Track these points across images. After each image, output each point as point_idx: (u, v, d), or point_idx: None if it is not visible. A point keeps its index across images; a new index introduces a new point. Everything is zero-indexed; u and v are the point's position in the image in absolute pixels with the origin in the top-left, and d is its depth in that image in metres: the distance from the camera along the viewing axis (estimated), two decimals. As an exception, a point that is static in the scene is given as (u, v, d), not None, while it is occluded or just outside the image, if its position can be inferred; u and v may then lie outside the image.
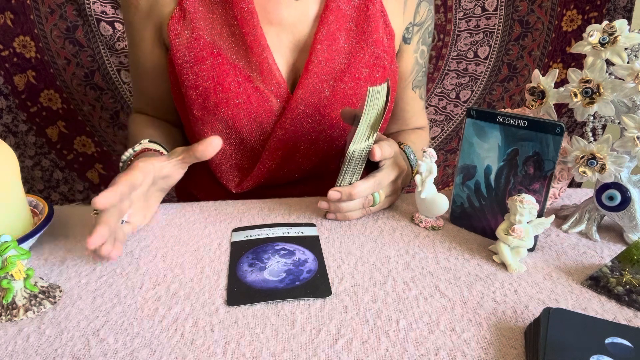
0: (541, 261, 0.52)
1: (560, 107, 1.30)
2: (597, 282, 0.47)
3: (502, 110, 0.58)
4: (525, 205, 0.49)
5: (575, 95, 0.52)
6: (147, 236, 0.57)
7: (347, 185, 0.58)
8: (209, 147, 0.54)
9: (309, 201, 0.66)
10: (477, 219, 0.58)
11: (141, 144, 0.65)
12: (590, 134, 0.55)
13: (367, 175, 0.60)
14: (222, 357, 0.39)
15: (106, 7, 1.21)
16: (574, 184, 1.15)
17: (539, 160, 0.51)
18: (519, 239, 0.50)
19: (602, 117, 0.53)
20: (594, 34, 0.51)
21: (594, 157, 0.52)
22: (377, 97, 0.55)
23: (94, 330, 0.42)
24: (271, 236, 0.56)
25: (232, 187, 0.76)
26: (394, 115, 0.85)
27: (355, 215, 0.60)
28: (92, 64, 1.29)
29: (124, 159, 0.64)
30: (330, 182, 0.60)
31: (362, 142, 0.55)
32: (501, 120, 0.53)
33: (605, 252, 0.54)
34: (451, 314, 0.44)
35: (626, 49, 0.50)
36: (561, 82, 0.78)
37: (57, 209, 0.62)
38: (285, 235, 0.57)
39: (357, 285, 0.48)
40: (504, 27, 1.31)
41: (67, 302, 0.46)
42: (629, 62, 0.49)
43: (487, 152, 0.55)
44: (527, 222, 0.50)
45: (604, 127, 0.56)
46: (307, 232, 0.58)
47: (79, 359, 0.39)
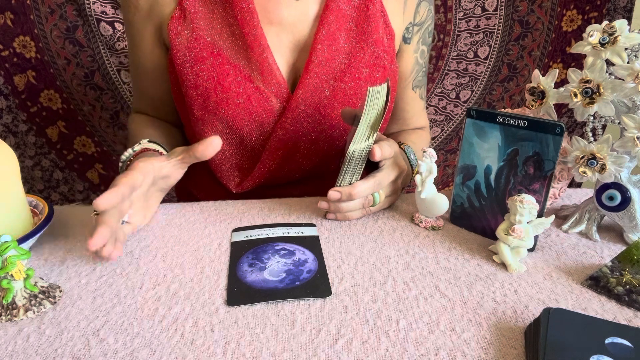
0: (541, 261, 0.52)
1: (560, 107, 1.30)
2: (597, 282, 0.47)
3: (502, 110, 0.58)
4: (525, 205, 0.49)
5: (575, 95, 0.52)
6: (147, 236, 0.57)
7: (347, 185, 0.58)
8: (209, 147, 0.54)
9: (309, 201, 0.66)
10: (477, 219, 0.58)
11: (141, 144, 0.65)
12: (590, 134, 0.55)
13: (367, 175, 0.60)
14: (222, 357, 0.39)
15: (106, 7, 1.21)
16: (574, 184, 1.15)
17: (539, 160, 0.51)
18: (519, 239, 0.50)
19: (602, 117, 0.53)
20: (594, 34, 0.51)
21: (594, 157, 0.52)
22: (377, 97, 0.55)
23: (94, 330, 0.42)
24: (271, 236, 0.56)
25: (232, 187, 0.76)
26: (394, 115, 0.85)
27: (355, 215, 0.60)
28: (92, 64, 1.29)
29: (123, 159, 0.64)
30: (330, 182, 0.60)
31: (362, 142, 0.55)
32: (501, 120, 0.53)
33: (605, 252, 0.54)
34: (451, 314, 0.44)
35: (626, 49, 0.50)
36: (561, 82, 0.78)
37: (57, 209, 0.62)
38: (285, 235, 0.57)
39: (357, 285, 0.48)
40: (504, 27, 1.31)
41: (67, 302, 0.46)
42: (629, 62, 0.49)
43: (487, 152, 0.55)
44: (527, 222, 0.50)
45: (604, 127, 0.56)
46: (307, 232, 0.58)
47: (79, 359, 0.39)
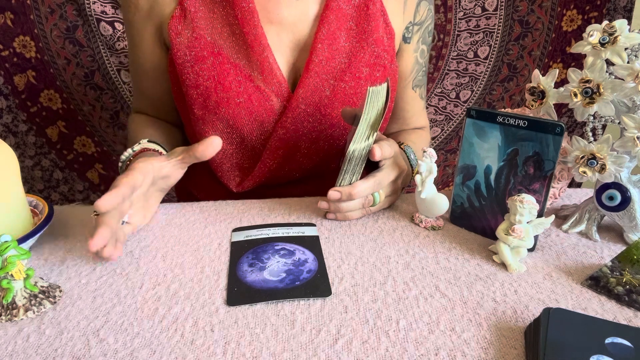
0: (541, 261, 0.52)
1: (560, 107, 1.30)
2: (597, 282, 0.47)
3: (502, 110, 0.58)
4: (525, 205, 0.49)
5: (575, 95, 0.52)
6: (147, 236, 0.57)
7: (347, 185, 0.58)
8: (209, 147, 0.54)
9: (309, 201, 0.66)
10: (477, 219, 0.58)
11: (140, 144, 0.65)
12: (590, 134, 0.55)
13: (367, 175, 0.60)
14: (222, 357, 0.39)
15: (106, 7, 1.21)
16: (574, 184, 1.15)
17: (539, 160, 0.51)
18: (519, 239, 0.50)
19: (602, 117, 0.53)
20: (594, 34, 0.51)
21: (594, 157, 0.52)
22: (377, 96, 0.55)
23: (94, 330, 0.42)
24: (271, 236, 0.56)
25: (232, 187, 0.76)
26: (394, 115, 0.85)
27: (355, 215, 0.60)
28: (92, 64, 1.29)
29: (123, 159, 0.64)
30: (331, 182, 0.60)
31: (362, 141, 0.55)
32: (501, 120, 0.53)
33: (605, 252, 0.54)
34: (451, 314, 0.44)
35: (626, 49, 0.50)
36: (561, 82, 0.78)
37: (57, 209, 0.62)
38: (285, 235, 0.57)
39: (357, 285, 0.48)
40: (504, 27, 1.31)
41: (67, 302, 0.46)
42: (629, 62, 0.49)
43: (487, 152, 0.55)
44: (527, 222, 0.50)
45: (604, 127, 0.56)
46: (307, 232, 0.58)
47: (79, 359, 0.39)
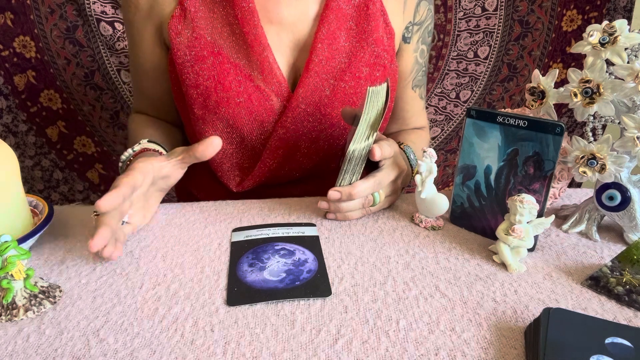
0: (541, 261, 0.52)
1: (560, 107, 1.30)
2: (597, 282, 0.47)
3: (502, 110, 0.58)
4: (525, 205, 0.49)
5: (575, 95, 0.52)
6: (147, 236, 0.57)
7: (347, 185, 0.58)
8: (209, 147, 0.54)
9: (309, 201, 0.66)
10: (477, 219, 0.58)
11: (140, 144, 0.65)
12: (590, 134, 0.55)
13: (367, 175, 0.60)
14: (222, 357, 0.39)
15: (106, 7, 1.21)
16: (574, 184, 1.15)
17: (539, 160, 0.51)
18: (519, 239, 0.50)
19: (602, 117, 0.53)
20: (594, 34, 0.51)
21: (594, 157, 0.52)
22: (376, 96, 0.55)
23: (94, 330, 0.42)
24: (271, 236, 0.56)
25: (232, 186, 0.76)
26: (393, 114, 0.85)
27: (355, 215, 0.60)
28: (92, 64, 1.29)
29: (123, 159, 0.64)
30: (331, 181, 0.60)
31: (362, 141, 0.55)
32: (501, 120, 0.53)
33: (605, 252, 0.54)
34: (451, 314, 0.44)
35: (626, 49, 0.50)
36: (561, 82, 0.78)
37: (57, 209, 0.62)
38: (285, 235, 0.57)
39: (357, 285, 0.48)
40: (504, 27, 1.31)
41: (67, 302, 0.46)
42: (629, 62, 0.49)
43: (487, 152, 0.55)
44: (527, 222, 0.50)
45: (604, 127, 0.56)
46: (307, 232, 0.58)
47: (79, 359, 0.39)
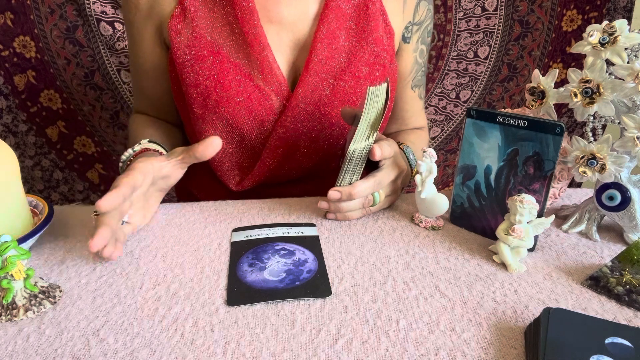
0: (541, 261, 0.52)
1: (560, 107, 1.30)
2: (597, 282, 0.47)
3: (502, 110, 0.58)
4: (525, 205, 0.49)
5: (575, 95, 0.52)
6: (147, 236, 0.57)
7: (347, 185, 0.58)
8: (209, 147, 0.54)
9: (309, 201, 0.66)
10: (477, 219, 0.58)
11: (141, 144, 0.65)
12: (590, 134, 0.55)
13: (367, 175, 0.60)
14: (222, 357, 0.39)
15: (106, 7, 1.21)
16: (574, 184, 1.15)
17: (539, 160, 0.51)
18: (519, 239, 0.50)
19: (602, 117, 0.53)
20: (594, 34, 0.51)
21: (594, 157, 0.52)
22: (376, 96, 0.55)
23: (94, 330, 0.42)
24: (271, 236, 0.56)
25: (232, 186, 0.76)
26: (393, 114, 0.85)
27: (355, 215, 0.60)
28: (92, 64, 1.29)
29: (123, 159, 0.64)
30: (331, 181, 0.60)
31: (362, 141, 0.55)
32: (501, 120, 0.53)
33: (605, 252, 0.54)
34: (451, 314, 0.44)
35: (626, 49, 0.50)
36: (561, 82, 0.78)
37: (57, 209, 0.62)
38: (285, 235, 0.57)
39: (357, 285, 0.48)
40: (504, 27, 1.31)
41: (67, 302, 0.46)
42: (629, 62, 0.49)
43: (487, 152, 0.55)
44: (527, 222, 0.50)
45: (604, 127, 0.56)
46: (307, 232, 0.58)
47: (79, 359, 0.39)
